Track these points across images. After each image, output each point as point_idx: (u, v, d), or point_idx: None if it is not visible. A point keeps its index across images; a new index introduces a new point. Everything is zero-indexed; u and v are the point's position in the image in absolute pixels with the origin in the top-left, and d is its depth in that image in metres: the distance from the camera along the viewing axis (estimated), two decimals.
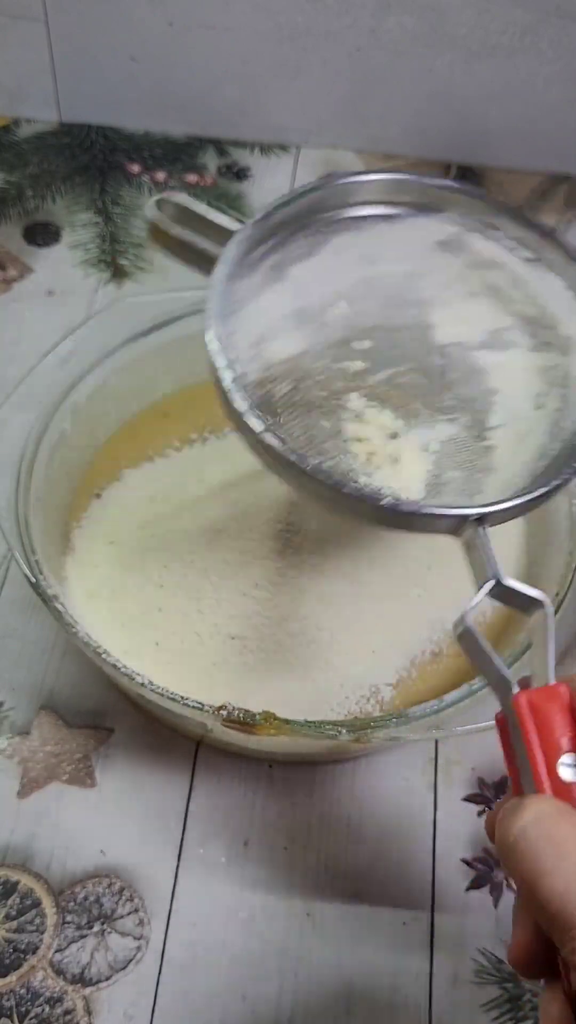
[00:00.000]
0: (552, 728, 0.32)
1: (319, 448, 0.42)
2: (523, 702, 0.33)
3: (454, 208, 0.44)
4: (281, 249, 0.42)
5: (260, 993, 0.46)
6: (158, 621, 0.50)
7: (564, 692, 0.33)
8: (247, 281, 0.41)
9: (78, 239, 0.74)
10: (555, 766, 0.32)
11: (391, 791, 0.52)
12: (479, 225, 0.45)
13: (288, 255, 0.43)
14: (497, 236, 0.44)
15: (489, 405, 0.44)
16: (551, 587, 0.49)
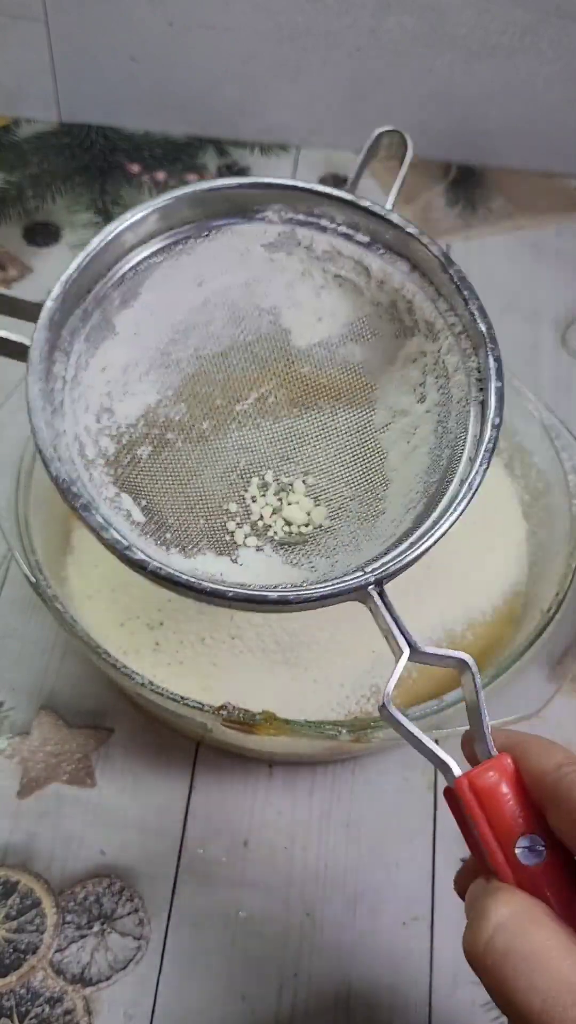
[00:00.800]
0: (502, 811, 0.30)
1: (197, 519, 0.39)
2: (466, 786, 0.30)
3: (272, 206, 0.41)
4: (96, 309, 0.39)
5: (260, 993, 0.46)
6: (158, 621, 0.49)
7: (509, 765, 0.31)
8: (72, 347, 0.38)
9: (78, 239, 0.74)
10: (512, 851, 0.30)
11: (391, 791, 0.52)
12: (306, 219, 0.41)
13: (107, 306, 0.39)
14: (327, 225, 0.41)
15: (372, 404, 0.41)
16: (551, 587, 0.49)
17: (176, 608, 0.50)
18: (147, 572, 0.34)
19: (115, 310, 0.40)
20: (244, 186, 0.40)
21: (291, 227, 0.41)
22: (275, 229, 0.41)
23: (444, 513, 0.36)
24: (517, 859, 0.30)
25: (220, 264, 0.41)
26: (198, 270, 0.41)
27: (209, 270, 0.41)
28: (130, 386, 0.40)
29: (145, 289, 0.40)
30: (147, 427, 0.40)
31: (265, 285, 0.42)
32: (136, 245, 0.40)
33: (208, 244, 0.41)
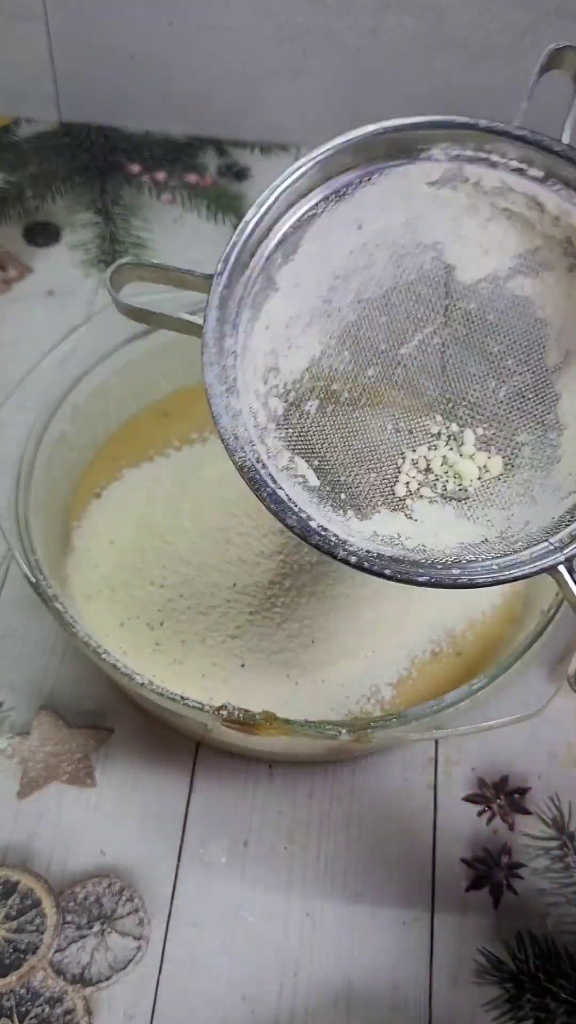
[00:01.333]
0: None
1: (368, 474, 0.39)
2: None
3: (439, 144, 0.39)
4: (260, 275, 0.38)
5: (260, 993, 0.46)
6: (158, 621, 0.50)
7: None
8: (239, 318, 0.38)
9: (78, 239, 0.74)
10: None
11: (391, 791, 0.52)
12: (474, 155, 0.40)
13: (270, 267, 0.39)
14: (498, 161, 0.40)
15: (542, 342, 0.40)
16: (551, 587, 0.49)
17: (176, 608, 0.50)
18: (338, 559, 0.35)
19: (277, 268, 0.39)
20: (408, 127, 0.39)
21: (458, 164, 0.39)
22: (440, 167, 0.40)
23: None
24: None
25: (381, 206, 0.40)
26: (358, 214, 0.40)
27: (370, 213, 0.40)
28: (294, 340, 0.39)
29: (305, 241, 0.39)
30: (312, 380, 0.39)
31: (428, 221, 0.40)
32: (295, 201, 0.39)
33: (370, 188, 0.39)
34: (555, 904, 0.49)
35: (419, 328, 0.40)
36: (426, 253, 0.40)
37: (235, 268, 0.38)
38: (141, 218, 0.76)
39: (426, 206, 0.40)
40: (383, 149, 0.39)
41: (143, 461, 0.56)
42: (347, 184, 0.39)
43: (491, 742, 0.53)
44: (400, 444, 0.41)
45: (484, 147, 0.40)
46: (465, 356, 0.40)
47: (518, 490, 0.39)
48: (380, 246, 0.40)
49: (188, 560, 0.50)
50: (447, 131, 0.39)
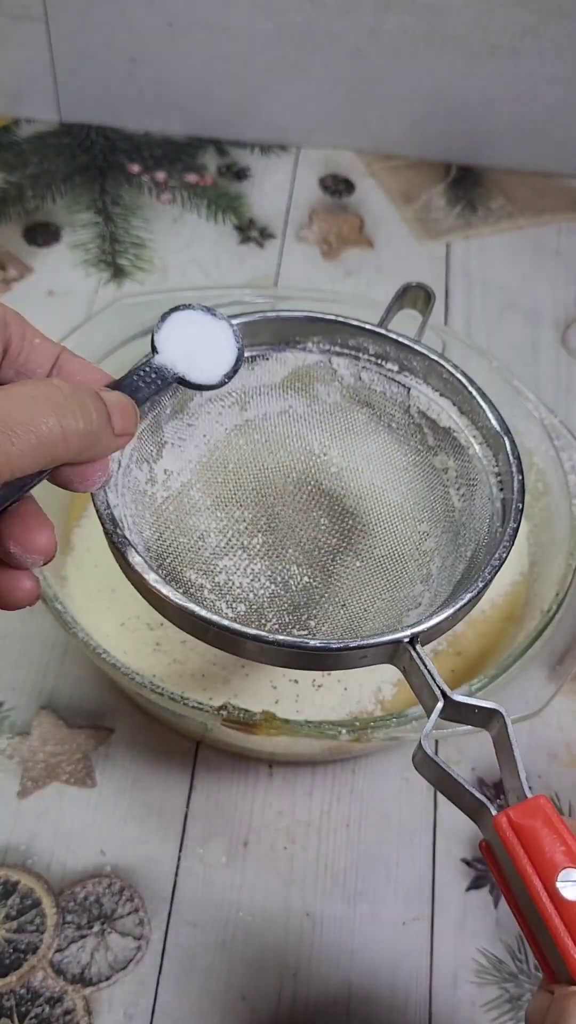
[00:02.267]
0: (541, 845, 0.31)
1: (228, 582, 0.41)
2: (504, 823, 0.31)
3: (312, 337, 0.44)
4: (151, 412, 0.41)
5: (260, 993, 0.46)
6: (158, 621, 0.49)
7: (545, 804, 0.32)
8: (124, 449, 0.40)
9: (78, 239, 0.74)
10: (554, 887, 0.30)
11: (391, 791, 0.52)
12: (341, 349, 0.45)
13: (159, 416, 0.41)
14: (360, 356, 0.45)
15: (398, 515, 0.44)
16: (551, 587, 0.49)
17: None
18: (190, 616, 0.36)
19: (166, 418, 0.42)
20: (288, 319, 0.44)
21: (328, 356, 0.45)
22: (313, 358, 0.45)
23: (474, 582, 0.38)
24: (560, 894, 0.30)
25: (261, 390, 0.44)
26: (242, 394, 0.44)
27: (251, 396, 0.44)
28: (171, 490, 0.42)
29: (194, 405, 0.43)
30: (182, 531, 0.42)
31: (301, 412, 0.45)
32: None
33: (252, 371, 0.44)
34: None
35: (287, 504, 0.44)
36: (296, 443, 0.45)
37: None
38: (141, 218, 0.76)
39: (298, 398, 0.45)
40: (266, 336, 0.44)
41: None
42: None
43: (491, 742, 0.53)
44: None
45: (349, 342, 0.45)
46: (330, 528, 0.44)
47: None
48: (258, 429, 0.45)
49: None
50: (320, 326, 0.44)
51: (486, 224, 0.78)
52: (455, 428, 0.43)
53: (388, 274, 0.74)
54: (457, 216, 0.78)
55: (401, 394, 0.45)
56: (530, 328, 0.72)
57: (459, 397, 0.43)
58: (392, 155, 0.82)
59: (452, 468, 0.43)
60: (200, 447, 0.43)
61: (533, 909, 0.30)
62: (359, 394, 0.45)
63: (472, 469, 0.42)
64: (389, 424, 0.45)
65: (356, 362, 0.45)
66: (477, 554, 0.40)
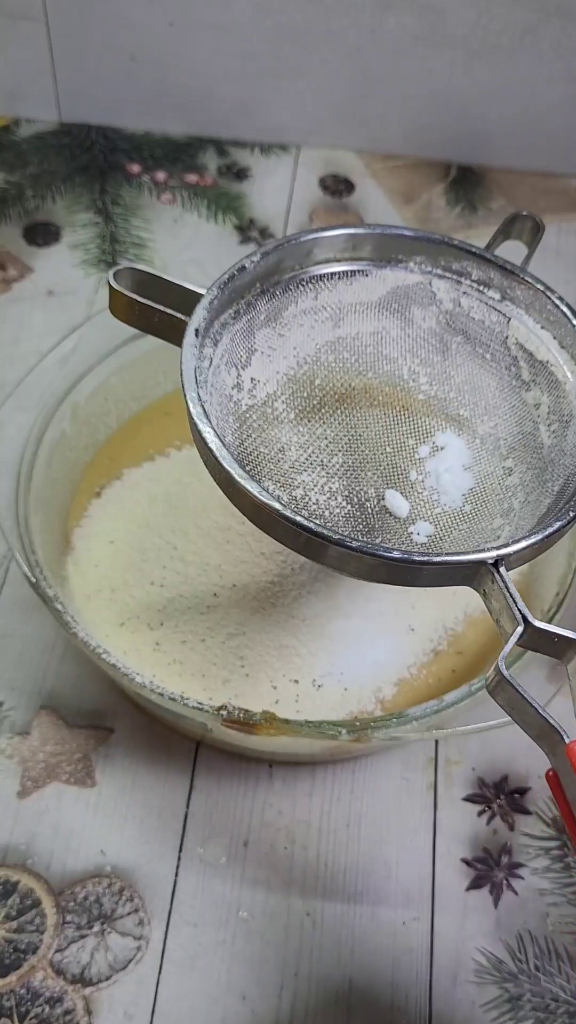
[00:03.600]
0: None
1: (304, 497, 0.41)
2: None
3: (416, 256, 0.44)
4: (247, 312, 0.42)
5: (260, 993, 0.46)
6: (158, 621, 0.50)
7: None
8: (217, 348, 0.40)
9: (78, 239, 0.74)
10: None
11: (391, 791, 0.52)
12: (443, 272, 0.44)
13: (254, 320, 0.42)
14: (463, 280, 0.44)
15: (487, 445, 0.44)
16: (551, 587, 0.49)
17: (176, 608, 0.50)
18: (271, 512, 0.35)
19: (259, 324, 0.42)
20: (393, 236, 0.43)
21: (429, 280, 0.44)
22: (413, 279, 0.44)
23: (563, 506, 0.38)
24: None
25: (357, 307, 0.44)
26: (338, 309, 0.44)
27: (346, 311, 0.44)
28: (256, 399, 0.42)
29: (288, 315, 0.43)
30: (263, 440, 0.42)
31: (392, 335, 0.45)
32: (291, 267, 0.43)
33: (351, 285, 0.44)
34: (555, 904, 0.49)
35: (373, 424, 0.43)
36: (385, 365, 0.45)
37: (228, 289, 0.40)
38: (141, 218, 0.76)
39: (395, 319, 0.45)
40: (374, 249, 0.43)
41: (144, 461, 0.56)
42: (335, 272, 0.44)
43: (491, 742, 0.53)
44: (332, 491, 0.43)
45: (452, 265, 0.44)
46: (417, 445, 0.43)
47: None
48: (347, 349, 0.44)
49: (188, 560, 0.50)
50: (425, 244, 0.44)
51: (486, 224, 0.78)
52: (552, 362, 0.43)
53: None
54: (457, 216, 0.78)
55: (500, 323, 0.44)
56: None
57: (561, 331, 0.43)
58: (392, 155, 0.82)
59: (545, 404, 0.43)
60: (289, 359, 0.43)
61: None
62: (456, 321, 0.44)
63: (566, 405, 0.42)
64: (484, 355, 0.44)
65: (457, 286, 0.44)
66: (565, 489, 0.39)
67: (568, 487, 0.39)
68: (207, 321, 0.39)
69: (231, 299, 0.41)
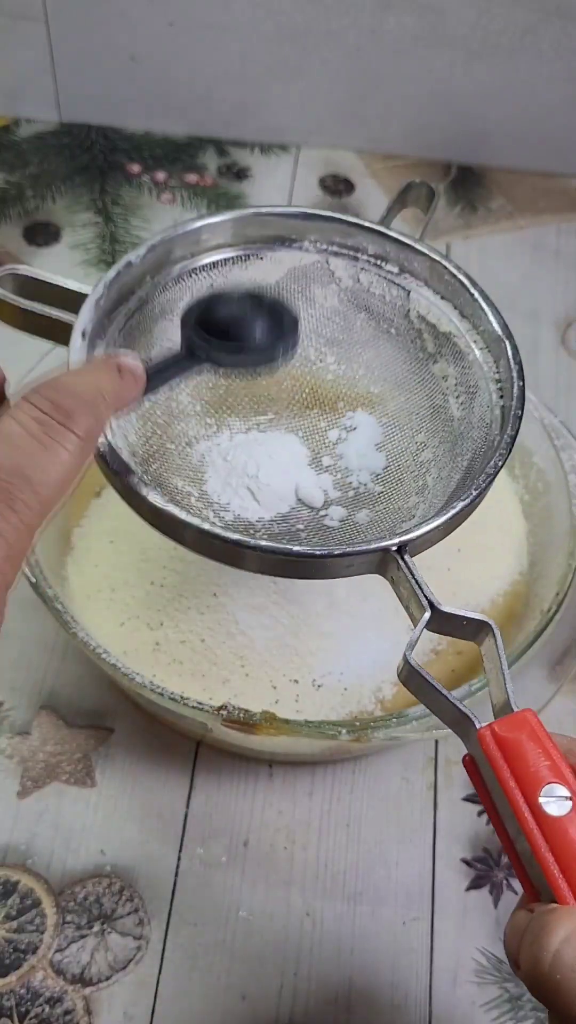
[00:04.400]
0: (525, 758, 0.30)
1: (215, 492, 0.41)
2: (488, 736, 0.30)
3: (310, 235, 0.43)
4: (138, 311, 0.41)
5: (260, 993, 0.46)
6: (158, 621, 0.49)
7: (531, 717, 0.31)
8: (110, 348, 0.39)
9: (78, 239, 0.74)
10: (537, 801, 0.29)
11: (391, 791, 0.52)
12: (339, 249, 0.44)
13: (148, 314, 0.41)
14: (359, 256, 0.44)
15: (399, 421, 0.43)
16: (551, 587, 0.49)
17: (176, 608, 0.50)
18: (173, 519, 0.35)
19: (155, 317, 0.41)
20: (283, 215, 0.43)
21: (325, 256, 0.44)
22: (310, 258, 0.43)
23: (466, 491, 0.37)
24: (543, 810, 0.29)
25: None
26: None
27: None
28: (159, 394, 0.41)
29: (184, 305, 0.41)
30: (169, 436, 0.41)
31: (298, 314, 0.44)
32: (180, 258, 0.42)
33: (246, 268, 0.43)
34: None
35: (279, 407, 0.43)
36: None
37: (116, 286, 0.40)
38: (141, 218, 0.76)
39: (296, 297, 0.44)
40: (265, 230, 0.43)
41: None
42: (226, 257, 0.43)
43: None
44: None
45: (347, 242, 0.44)
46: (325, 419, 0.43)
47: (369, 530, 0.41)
48: None
49: (188, 560, 0.50)
50: (317, 223, 0.43)
51: (486, 224, 0.78)
52: (455, 333, 0.42)
53: None
54: (457, 216, 0.78)
55: (401, 297, 0.43)
56: (530, 328, 0.72)
57: (460, 300, 0.42)
58: (392, 155, 0.82)
59: (452, 375, 0.42)
60: None
61: (515, 826, 0.29)
62: (358, 297, 0.44)
63: (472, 376, 0.41)
64: (388, 330, 0.44)
65: (355, 263, 0.44)
66: (473, 463, 0.39)
67: (475, 462, 0.39)
68: (95, 321, 0.38)
69: (121, 296, 0.40)
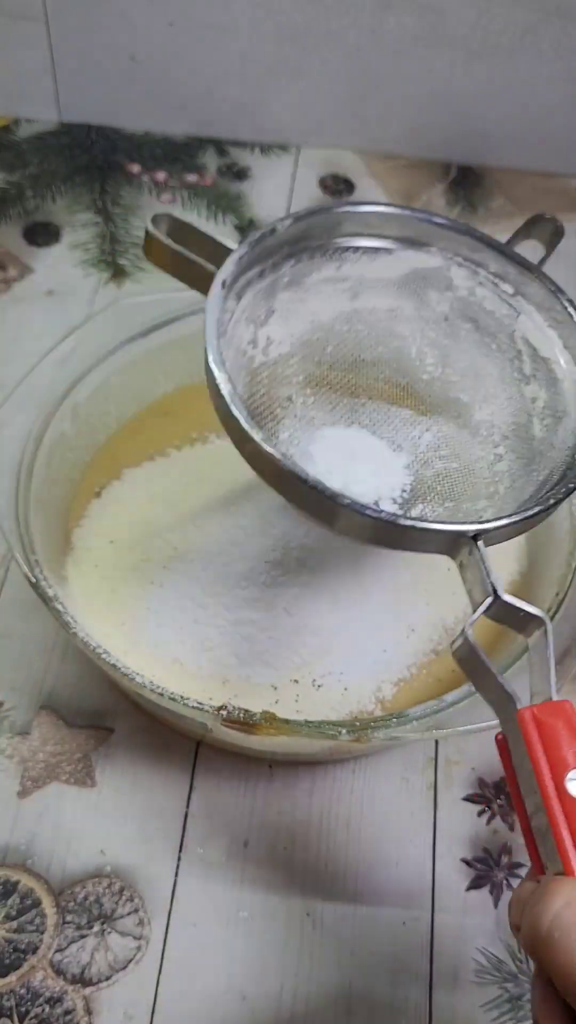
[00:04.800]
0: (559, 742, 0.32)
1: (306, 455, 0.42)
2: (527, 716, 0.33)
3: (439, 242, 0.45)
4: (272, 273, 0.43)
5: (260, 993, 0.46)
6: (158, 621, 0.49)
7: (569, 708, 0.33)
8: (240, 302, 0.42)
9: (78, 239, 0.74)
10: (563, 782, 0.31)
11: (391, 791, 0.52)
12: (463, 260, 0.45)
13: (277, 282, 0.43)
14: (480, 271, 0.45)
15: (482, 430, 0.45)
16: (551, 587, 0.49)
17: (176, 608, 0.50)
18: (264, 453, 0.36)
19: (282, 286, 0.43)
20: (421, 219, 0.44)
21: (448, 267, 0.45)
22: (434, 263, 0.45)
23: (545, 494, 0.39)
24: (567, 790, 0.31)
25: (376, 283, 0.45)
26: (358, 282, 0.45)
27: (366, 286, 0.45)
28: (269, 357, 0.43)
29: (310, 281, 0.44)
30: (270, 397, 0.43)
31: (405, 315, 0.46)
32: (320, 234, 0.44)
33: (374, 261, 0.45)
34: None
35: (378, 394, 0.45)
36: (394, 342, 0.46)
37: (258, 247, 0.41)
38: (141, 218, 0.76)
39: (411, 299, 0.46)
40: (402, 229, 0.44)
41: (143, 461, 0.56)
42: (362, 246, 0.45)
43: (491, 742, 0.52)
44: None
45: (472, 255, 0.45)
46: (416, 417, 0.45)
47: None
48: (361, 322, 0.45)
49: (188, 560, 0.50)
50: (450, 232, 0.45)
51: (486, 224, 0.78)
52: (554, 360, 0.44)
53: None
54: (457, 216, 0.78)
55: (510, 317, 0.45)
56: None
57: (566, 332, 0.44)
58: (392, 155, 0.82)
59: (542, 399, 0.44)
60: (305, 323, 0.44)
61: (537, 800, 0.32)
62: (469, 309, 0.46)
63: (563, 402, 0.43)
64: (490, 345, 0.46)
65: (474, 276, 0.45)
66: (549, 479, 0.40)
67: (551, 477, 0.41)
68: (234, 276, 0.40)
69: (259, 258, 0.42)
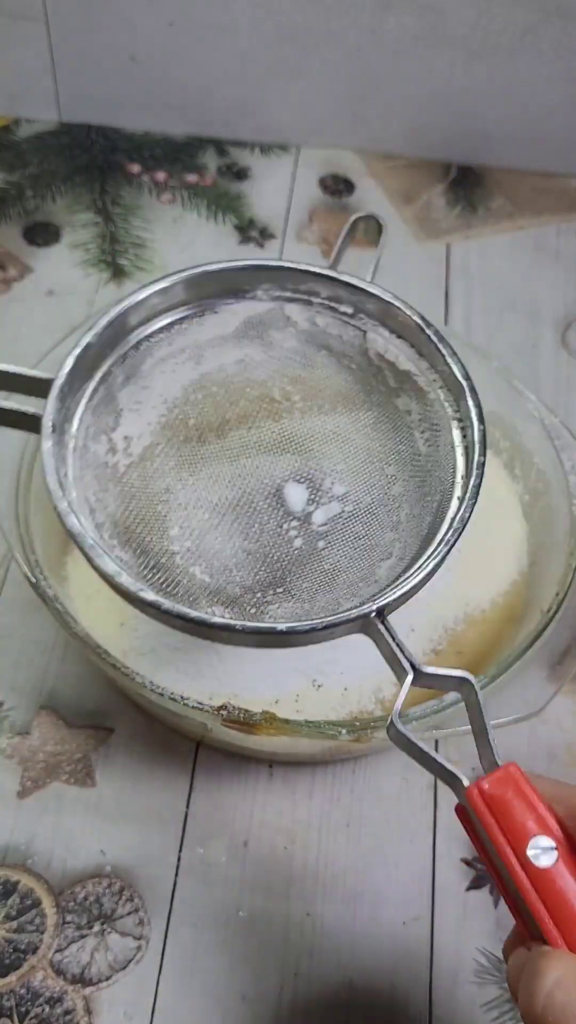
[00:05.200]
0: (512, 814, 0.31)
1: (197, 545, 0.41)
2: (475, 795, 0.32)
3: (261, 285, 0.44)
4: (103, 384, 0.41)
5: (260, 993, 0.46)
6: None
7: (515, 772, 0.32)
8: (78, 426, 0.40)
9: (78, 239, 0.74)
10: (525, 855, 0.31)
11: (391, 791, 0.52)
12: (292, 295, 0.44)
13: (112, 385, 0.42)
14: (313, 300, 0.44)
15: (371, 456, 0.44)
16: (551, 587, 0.49)
17: None
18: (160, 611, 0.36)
19: (119, 386, 0.42)
20: (233, 269, 0.43)
21: (279, 303, 0.44)
22: (264, 306, 0.44)
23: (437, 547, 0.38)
24: (531, 863, 0.31)
25: (213, 343, 0.44)
26: (195, 349, 0.44)
27: (205, 349, 0.44)
28: (133, 455, 0.42)
29: (147, 367, 0.43)
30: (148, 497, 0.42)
31: (256, 361, 0.45)
32: (136, 326, 0.43)
33: (202, 324, 0.44)
34: None
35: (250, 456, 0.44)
36: (255, 390, 0.45)
37: (79, 369, 0.40)
38: (141, 218, 0.76)
39: (254, 346, 0.44)
40: (213, 288, 0.43)
41: None
42: (184, 317, 0.43)
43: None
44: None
45: (300, 287, 0.44)
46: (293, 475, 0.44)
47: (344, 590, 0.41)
48: (215, 382, 0.44)
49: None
50: (267, 272, 0.43)
51: (486, 224, 0.78)
52: (414, 371, 0.42)
53: (388, 274, 0.74)
54: (457, 216, 0.78)
55: (358, 337, 0.44)
56: (530, 328, 0.72)
57: (417, 339, 0.42)
58: (392, 155, 0.82)
59: (415, 411, 0.43)
60: (158, 407, 0.43)
61: (507, 875, 0.31)
62: (315, 337, 0.44)
63: (434, 414, 0.42)
64: (349, 366, 0.44)
65: (309, 307, 0.44)
66: (443, 506, 0.39)
67: (444, 504, 0.39)
68: (59, 410, 0.38)
69: (85, 374, 0.41)
